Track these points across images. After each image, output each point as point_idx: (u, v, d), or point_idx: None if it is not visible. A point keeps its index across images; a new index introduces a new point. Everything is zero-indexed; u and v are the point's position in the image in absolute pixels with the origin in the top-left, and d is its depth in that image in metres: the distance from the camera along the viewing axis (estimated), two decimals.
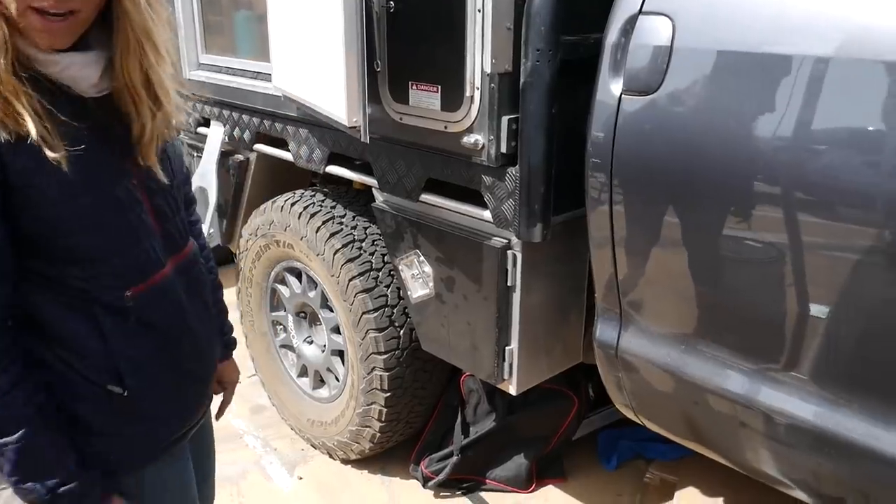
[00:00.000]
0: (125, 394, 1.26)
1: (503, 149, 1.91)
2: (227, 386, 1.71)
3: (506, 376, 2.21)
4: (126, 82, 1.20)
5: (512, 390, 2.23)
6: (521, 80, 1.82)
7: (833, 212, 1.38)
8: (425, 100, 2.05)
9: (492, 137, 1.91)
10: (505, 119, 1.89)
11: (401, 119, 2.15)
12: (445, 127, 2.02)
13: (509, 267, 2.07)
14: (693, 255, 1.62)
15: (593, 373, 2.52)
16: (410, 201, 2.28)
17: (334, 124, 2.09)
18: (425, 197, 2.22)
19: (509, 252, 2.06)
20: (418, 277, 2.36)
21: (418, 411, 2.80)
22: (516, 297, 2.11)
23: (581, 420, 2.80)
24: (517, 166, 1.91)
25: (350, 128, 1.97)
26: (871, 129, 1.31)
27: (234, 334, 1.78)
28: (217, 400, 1.70)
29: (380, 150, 2.31)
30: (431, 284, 2.32)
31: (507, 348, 2.17)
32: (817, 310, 1.43)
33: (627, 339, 1.82)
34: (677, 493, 2.68)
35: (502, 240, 2.07)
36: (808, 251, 1.42)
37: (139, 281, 1.26)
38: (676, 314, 1.70)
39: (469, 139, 1.95)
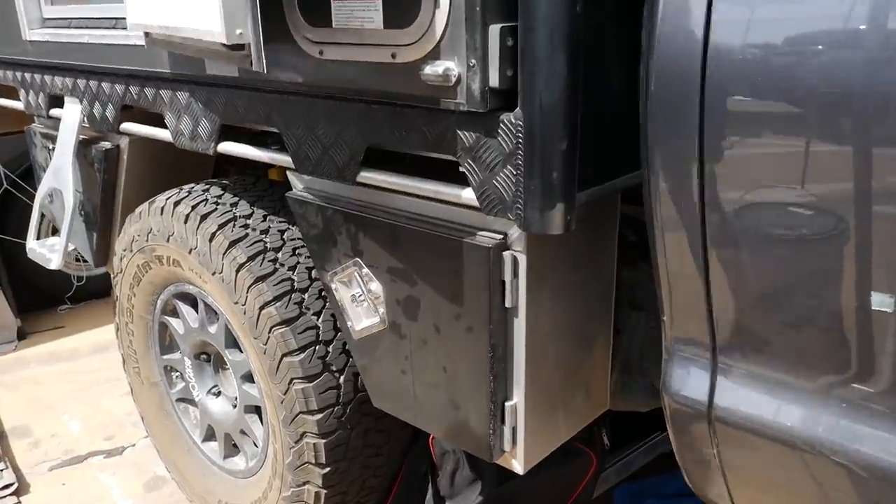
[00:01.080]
0: None
1: (493, 81, 1.14)
2: None
3: (506, 447, 1.42)
4: None
5: (518, 467, 1.45)
6: None
7: None
8: (358, 14, 1.26)
9: (472, 63, 1.14)
10: (495, 30, 1.12)
11: (321, 53, 1.36)
12: (393, 55, 1.24)
13: (507, 277, 1.29)
14: (864, 254, 0.87)
15: (605, 414, 1.79)
16: (343, 184, 1.49)
17: (208, 53, 1.28)
18: (366, 176, 1.43)
19: (506, 255, 1.28)
20: (362, 300, 1.56)
21: (371, 486, 1.99)
22: (519, 325, 1.33)
23: (598, 480, 2.04)
24: (518, 110, 1.14)
25: (233, 49, 1.16)
26: None
27: None
28: None
29: (292, 109, 1.50)
30: (382, 310, 1.52)
31: (506, 405, 1.39)
32: None
33: (730, 392, 1.06)
34: None
35: (495, 236, 1.29)
36: None
37: None
38: (830, 351, 0.95)
39: (434, 69, 1.18)
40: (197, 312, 2.11)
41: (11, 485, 2.56)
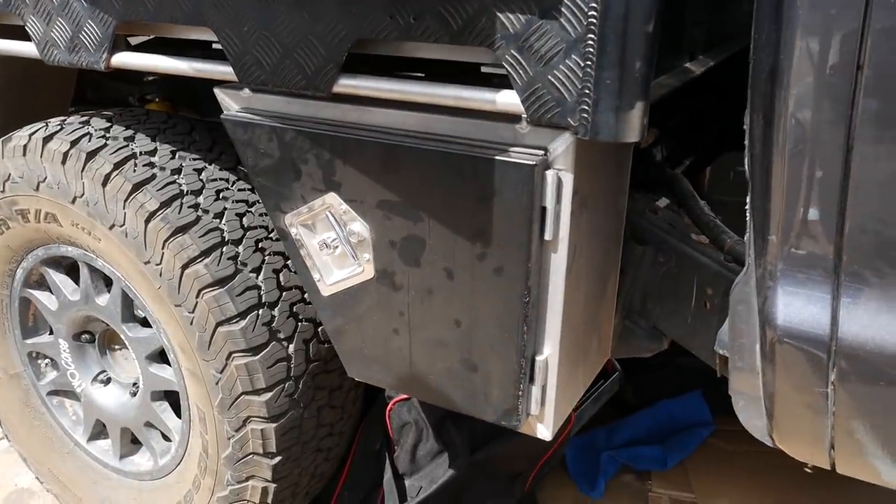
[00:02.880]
0: None
1: None
2: None
3: (534, 409, 1.19)
4: None
5: (545, 433, 1.22)
6: None
7: None
8: None
9: None
10: None
11: None
12: None
13: (549, 203, 1.04)
14: None
15: None
16: (316, 97, 1.16)
17: None
18: (348, 84, 1.12)
19: (550, 174, 1.03)
20: (334, 246, 1.24)
21: (323, 471, 1.68)
22: (558, 262, 1.09)
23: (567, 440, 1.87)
24: None
25: None
26: None
27: None
28: None
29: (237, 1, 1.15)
30: (367, 257, 1.21)
31: (537, 359, 1.15)
32: None
33: (861, 320, 0.89)
34: None
35: (535, 152, 1.03)
36: None
37: None
38: None
39: None
40: (77, 282, 1.67)
41: None
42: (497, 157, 1.03)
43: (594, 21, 0.90)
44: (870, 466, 1.03)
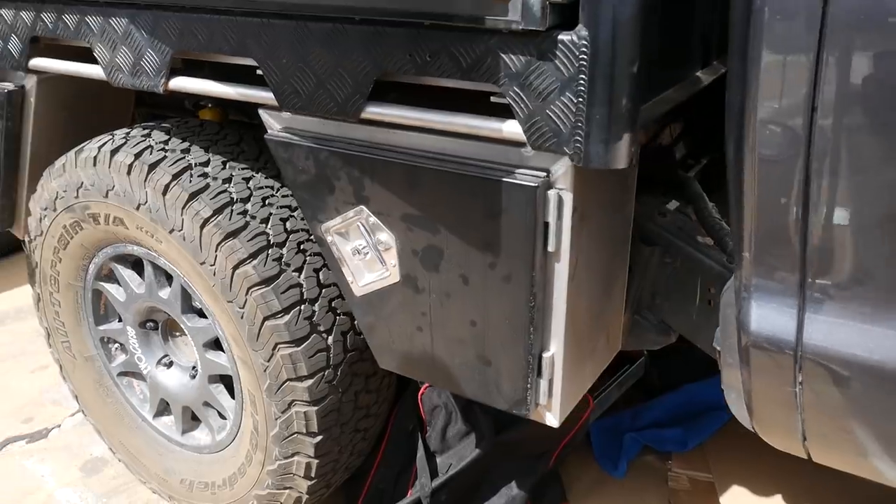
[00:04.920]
0: None
1: None
2: None
3: (542, 400, 1.33)
4: None
5: (553, 420, 1.36)
6: None
7: None
8: None
9: None
10: None
11: None
12: None
13: (551, 219, 1.17)
14: None
15: None
16: (345, 122, 1.30)
17: None
18: (374, 111, 1.25)
19: (551, 194, 1.15)
20: (365, 252, 1.39)
21: (361, 449, 1.85)
22: (560, 270, 1.22)
23: (591, 420, 2.00)
24: (581, 27, 1.00)
25: None
26: None
27: None
28: None
29: (276, 33, 1.29)
30: (393, 263, 1.36)
31: (544, 356, 1.29)
32: None
33: (821, 329, 1.00)
34: (722, 500, 1.98)
35: (538, 174, 1.15)
36: None
37: None
38: None
39: None
40: (142, 276, 1.86)
41: None
42: (504, 179, 1.16)
43: (584, 63, 1.01)
44: (842, 458, 1.15)
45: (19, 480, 2.30)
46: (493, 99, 1.17)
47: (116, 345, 2.08)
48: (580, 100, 1.03)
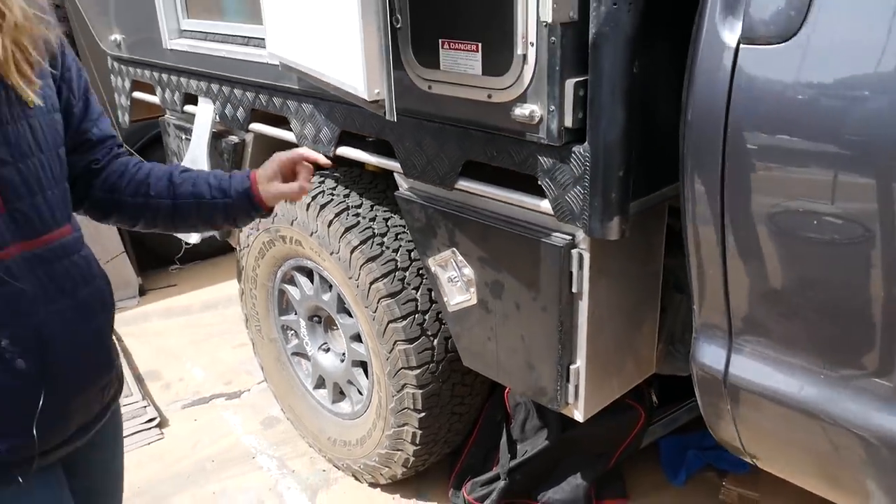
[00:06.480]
0: None
1: (568, 122, 1.48)
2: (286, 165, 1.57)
3: (570, 399, 1.80)
4: None
5: (578, 416, 1.83)
6: (592, 30, 1.39)
7: None
8: (462, 62, 1.61)
9: (552, 108, 1.48)
10: (570, 83, 1.45)
11: (429, 88, 1.72)
12: (489, 96, 1.59)
13: (574, 270, 1.65)
14: (850, 259, 1.19)
15: (655, 378, 2.14)
16: (444, 189, 1.86)
17: (349, 98, 1.66)
18: (463, 184, 1.80)
19: (574, 252, 1.64)
20: (456, 281, 1.94)
21: (457, 429, 2.41)
22: (583, 307, 1.69)
23: (645, 432, 2.41)
24: (586, 144, 1.48)
25: (371, 102, 1.53)
26: None
27: None
28: None
29: (403, 127, 1.87)
30: (473, 290, 1.90)
31: (571, 367, 1.76)
32: None
33: (740, 364, 1.41)
34: None
35: (565, 236, 1.64)
36: None
37: None
38: (821, 336, 1.28)
39: (521, 111, 1.52)
40: (312, 283, 2.54)
41: (154, 419, 3.09)
42: (542, 239, 1.67)
43: (588, 167, 1.50)
44: (771, 465, 1.52)
45: (218, 425, 3.10)
46: (539, 182, 1.67)
47: (292, 331, 2.79)
48: (585, 191, 1.51)
